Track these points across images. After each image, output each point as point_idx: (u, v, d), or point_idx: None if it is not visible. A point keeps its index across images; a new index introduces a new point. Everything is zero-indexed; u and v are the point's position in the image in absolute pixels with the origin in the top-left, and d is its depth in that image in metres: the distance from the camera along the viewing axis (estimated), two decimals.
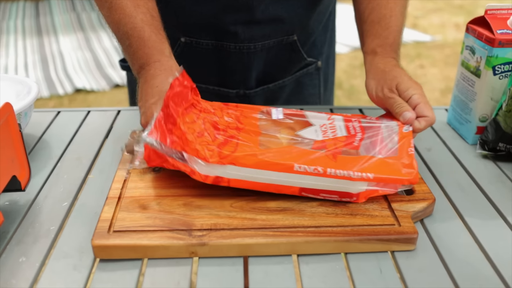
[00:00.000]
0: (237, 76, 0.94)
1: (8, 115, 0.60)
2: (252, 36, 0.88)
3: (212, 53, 0.91)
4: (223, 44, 0.89)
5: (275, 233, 0.57)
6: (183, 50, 0.91)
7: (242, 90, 0.96)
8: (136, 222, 0.58)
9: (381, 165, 0.62)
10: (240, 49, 0.89)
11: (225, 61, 0.92)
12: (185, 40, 0.89)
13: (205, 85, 0.96)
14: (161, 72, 0.65)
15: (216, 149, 0.61)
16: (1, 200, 0.67)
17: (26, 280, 0.53)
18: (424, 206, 0.62)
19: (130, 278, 0.54)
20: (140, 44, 0.66)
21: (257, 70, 0.94)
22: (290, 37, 0.92)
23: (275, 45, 0.92)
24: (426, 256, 0.57)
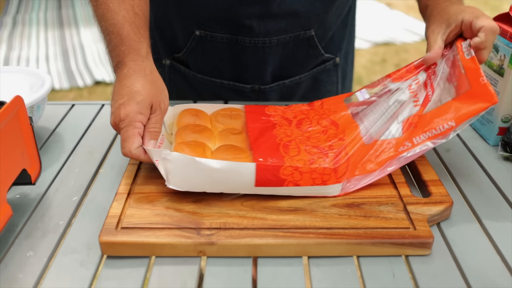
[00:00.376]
0: (252, 71, 0.92)
1: (19, 108, 0.60)
2: (268, 30, 0.86)
3: (226, 47, 0.89)
4: (238, 38, 0.87)
5: (285, 234, 0.55)
6: (197, 44, 0.90)
7: (257, 85, 0.95)
8: (144, 219, 0.57)
9: (457, 108, 0.64)
10: (255, 43, 0.87)
11: (240, 56, 0.90)
12: (199, 33, 0.88)
13: (219, 79, 0.95)
14: (134, 72, 0.63)
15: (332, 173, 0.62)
16: (12, 193, 0.66)
17: (33, 275, 0.53)
18: (441, 209, 0.60)
19: (136, 276, 0.53)
20: (118, 41, 0.65)
21: (272, 65, 0.92)
22: (307, 32, 0.90)
23: (292, 40, 0.90)
24: (442, 262, 0.55)
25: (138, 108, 0.61)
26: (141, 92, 0.62)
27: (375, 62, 3.45)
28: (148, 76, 0.64)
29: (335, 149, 0.64)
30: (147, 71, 0.64)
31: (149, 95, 0.62)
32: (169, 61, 0.97)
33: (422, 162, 0.69)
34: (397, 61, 3.42)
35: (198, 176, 0.58)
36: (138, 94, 0.62)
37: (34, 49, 3.55)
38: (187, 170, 0.58)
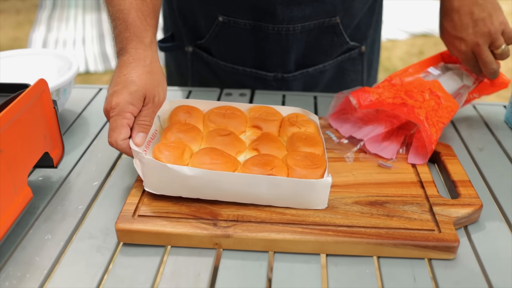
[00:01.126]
0: (274, 59, 0.90)
1: (42, 92, 0.60)
2: (292, 16, 0.84)
3: (249, 34, 0.87)
4: (261, 25, 0.85)
5: (303, 230, 0.54)
6: (220, 30, 0.88)
7: (280, 73, 0.92)
8: (162, 208, 0.57)
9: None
10: (278, 30, 0.85)
11: (263, 43, 0.88)
12: (222, 20, 0.87)
13: (242, 67, 0.93)
14: (133, 60, 0.62)
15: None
16: (35, 175, 0.67)
17: (49, 259, 0.53)
18: (469, 212, 0.57)
19: (150, 265, 0.52)
20: (123, 27, 0.63)
21: (296, 53, 0.90)
22: (332, 19, 0.87)
23: (316, 28, 0.87)
24: (466, 267, 0.53)
25: (130, 98, 0.59)
26: (136, 82, 0.60)
27: (412, 54, 3.36)
28: (147, 67, 0.62)
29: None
30: (147, 60, 0.63)
31: (143, 87, 0.61)
32: (192, 48, 0.96)
33: (452, 161, 0.66)
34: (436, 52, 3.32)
35: (173, 181, 0.56)
36: (133, 84, 0.60)
37: (71, 32, 3.61)
38: (161, 176, 0.56)
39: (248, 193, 0.57)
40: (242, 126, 0.69)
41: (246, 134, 0.69)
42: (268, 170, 0.58)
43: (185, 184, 0.56)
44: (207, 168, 0.58)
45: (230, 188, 0.56)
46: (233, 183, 0.56)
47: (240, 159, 0.63)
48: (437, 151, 0.69)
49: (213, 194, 0.57)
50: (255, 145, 0.64)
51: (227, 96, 0.90)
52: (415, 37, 3.61)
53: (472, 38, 0.76)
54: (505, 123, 0.82)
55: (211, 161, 0.59)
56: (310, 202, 0.57)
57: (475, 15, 0.75)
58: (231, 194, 0.57)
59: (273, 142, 0.65)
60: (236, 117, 0.70)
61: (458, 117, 0.84)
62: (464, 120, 0.83)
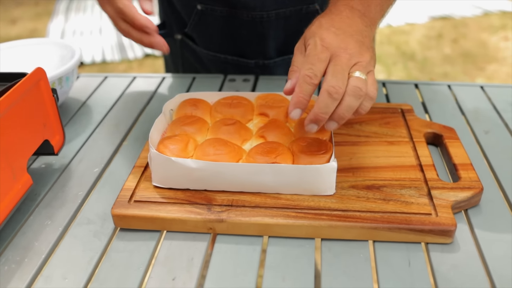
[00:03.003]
0: (253, 46, 0.90)
1: (40, 80, 0.61)
2: (263, 3, 0.82)
3: (226, 22, 0.87)
4: (236, 12, 0.85)
5: (297, 214, 0.53)
6: (200, 18, 0.88)
7: (261, 60, 0.92)
8: (157, 193, 0.57)
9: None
10: (253, 17, 0.84)
11: (240, 30, 0.87)
12: (201, 8, 0.86)
13: (224, 55, 0.92)
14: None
15: None
16: (38, 163, 0.68)
17: (47, 243, 0.54)
18: (468, 195, 0.56)
19: (145, 250, 0.53)
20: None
21: (275, 40, 0.88)
22: (310, 6, 0.84)
23: (293, 14, 0.85)
24: (464, 252, 0.52)
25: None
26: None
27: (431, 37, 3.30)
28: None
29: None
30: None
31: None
32: (180, 36, 0.96)
33: (454, 144, 0.65)
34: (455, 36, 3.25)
35: (179, 175, 0.56)
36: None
37: (89, 22, 3.65)
38: (167, 169, 0.56)
39: (254, 182, 0.56)
40: (249, 114, 0.69)
41: (253, 122, 0.69)
42: (272, 158, 0.58)
43: (190, 176, 0.56)
44: (211, 159, 0.58)
45: (236, 178, 0.56)
46: (237, 173, 0.56)
47: (246, 147, 0.63)
48: (440, 134, 0.67)
49: (219, 185, 0.57)
50: (262, 132, 0.64)
51: (230, 82, 0.90)
52: (433, 20, 3.54)
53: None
54: None
55: (214, 151, 0.59)
56: (318, 188, 0.56)
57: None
58: (237, 184, 0.57)
59: (280, 129, 0.64)
60: (243, 106, 0.69)
61: (464, 99, 0.82)
62: (470, 102, 0.81)
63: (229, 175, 0.56)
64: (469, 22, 3.48)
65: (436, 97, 0.83)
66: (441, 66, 2.88)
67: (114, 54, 3.11)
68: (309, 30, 0.57)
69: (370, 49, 0.55)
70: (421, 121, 0.70)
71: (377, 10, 0.60)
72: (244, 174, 0.56)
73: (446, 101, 0.82)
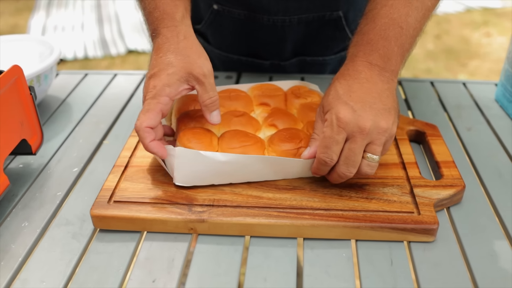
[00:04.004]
0: (270, 48, 0.88)
1: (17, 78, 0.59)
2: (287, 8, 0.80)
3: (244, 24, 0.85)
4: (255, 16, 0.83)
5: (279, 214, 0.53)
6: (215, 18, 0.86)
7: (276, 61, 0.90)
8: (137, 193, 0.56)
9: None
10: (273, 22, 0.82)
11: (258, 33, 0.85)
12: (217, 8, 0.84)
13: (237, 56, 0.91)
14: (167, 40, 0.59)
15: None
16: (15, 163, 0.67)
17: (24, 246, 0.53)
18: (450, 193, 0.56)
19: (125, 251, 0.52)
20: (152, 7, 0.61)
21: (293, 43, 0.87)
22: (334, 13, 0.83)
23: (316, 20, 0.83)
24: (446, 249, 0.52)
25: (167, 80, 0.56)
26: (173, 63, 0.57)
27: None
28: (181, 43, 0.59)
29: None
30: (180, 36, 0.59)
31: (182, 66, 0.57)
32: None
33: (436, 142, 0.65)
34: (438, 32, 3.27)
35: (205, 170, 0.55)
36: (170, 66, 0.57)
37: (70, 17, 3.59)
38: (193, 165, 0.55)
39: (282, 171, 0.58)
40: (249, 106, 0.68)
41: (255, 112, 0.68)
42: (297, 143, 0.58)
43: (218, 170, 0.56)
44: (239, 151, 0.58)
45: (264, 169, 0.57)
46: (267, 164, 0.56)
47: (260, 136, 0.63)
48: (422, 131, 0.67)
49: (245, 177, 0.58)
50: (271, 121, 0.64)
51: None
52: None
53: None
54: (495, 102, 0.80)
55: (240, 144, 0.59)
56: None
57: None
58: (263, 174, 0.58)
59: (287, 116, 0.65)
60: (242, 98, 0.69)
61: (447, 96, 0.82)
62: (452, 98, 0.81)
63: (257, 167, 0.56)
64: (452, 18, 3.51)
65: (419, 94, 0.83)
66: (424, 62, 2.90)
67: (96, 50, 3.07)
68: (327, 99, 0.55)
69: (391, 112, 0.54)
70: (404, 118, 0.70)
71: (397, 61, 0.56)
72: (274, 165, 0.56)
73: (428, 98, 0.82)
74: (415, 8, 0.56)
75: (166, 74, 0.56)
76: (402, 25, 0.56)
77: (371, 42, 0.55)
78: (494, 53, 2.98)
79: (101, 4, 3.84)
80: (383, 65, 0.55)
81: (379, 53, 0.55)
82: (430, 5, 0.58)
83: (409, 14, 0.56)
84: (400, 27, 0.55)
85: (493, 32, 3.33)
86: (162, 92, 0.56)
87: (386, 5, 0.56)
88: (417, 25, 0.57)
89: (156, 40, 0.60)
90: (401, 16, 0.56)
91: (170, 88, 0.56)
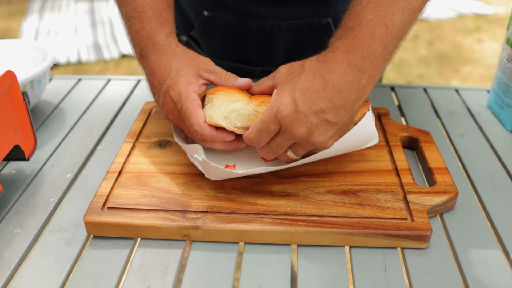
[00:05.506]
0: (261, 54, 0.88)
1: (10, 84, 0.59)
2: (276, 13, 0.81)
3: (234, 29, 0.85)
4: (245, 21, 0.83)
5: (273, 221, 0.53)
6: (206, 24, 0.87)
7: (267, 67, 0.91)
8: (131, 200, 0.56)
9: None
10: (263, 26, 0.83)
11: (248, 38, 0.86)
12: (207, 14, 0.85)
13: (228, 62, 0.91)
14: (162, 55, 0.59)
15: None
16: (8, 168, 0.66)
17: (17, 253, 0.53)
18: (443, 200, 0.56)
19: (119, 258, 0.52)
20: (139, 26, 0.61)
21: (284, 49, 0.87)
22: (323, 20, 0.83)
23: (305, 27, 0.84)
24: (439, 256, 0.52)
25: (185, 80, 0.57)
26: (180, 67, 0.58)
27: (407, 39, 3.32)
28: (177, 50, 0.59)
29: None
30: (173, 46, 0.60)
31: (190, 66, 0.58)
32: (186, 38, 0.95)
33: (429, 148, 0.65)
34: (430, 37, 3.29)
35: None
36: (179, 70, 0.57)
37: (63, 21, 3.58)
38: (216, 172, 0.55)
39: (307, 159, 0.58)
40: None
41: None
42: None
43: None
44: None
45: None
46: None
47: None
48: (416, 138, 0.68)
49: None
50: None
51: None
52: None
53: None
54: (488, 109, 0.81)
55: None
56: (365, 139, 0.58)
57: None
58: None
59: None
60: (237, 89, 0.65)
61: (440, 102, 0.83)
62: (445, 105, 0.82)
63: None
64: (444, 24, 3.53)
65: (412, 100, 0.83)
66: (417, 68, 2.92)
67: (89, 54, 3.06)
68: (288, 71, 0.55)
69: (335, 127, 0.53)
70: (397, 124, 0.70)
71: (379, 65, 0.54)
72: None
73: (422, 104, 0.82)
74: (401, 7, 0.54)
75: (180, 77, 0.57)
76: (387, 24, 0.53)
77: (356, 38, 0.53)
78: (486, 59, 3.00)
79: (94, 8, 3.84)
80: (362, 67, 0.52)
81: (362, 52, 0.52)
82: (416, 6, 0.55)
83: (395, 13, 0.53)
84: (386, 26, 0.53)
85: (485, 38, 3.36)
86: (189, 91, 0.57)
87: (371, 2, 0.54)
88: (402, 26, 0.55)
89: (149, 59, 0.60)
90: (387, 14, 0.53)
91: (193, 85, 0.57)
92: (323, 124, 0.52)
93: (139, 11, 0.62)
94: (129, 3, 0.62)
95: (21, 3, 4.02)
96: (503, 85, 0.76)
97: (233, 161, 0.62)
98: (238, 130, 0.57)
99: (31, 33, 3.39)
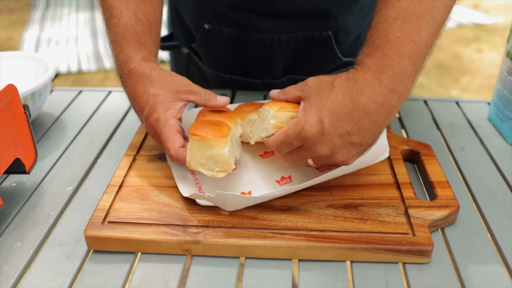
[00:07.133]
0: (261, 66, 0.89)
1: (11, 97, 0.59)
2: (276, 26, 0.81)
3: (235, 42, 0.86)
4: (245, 34, 0.83)
5: (275, 235, 0.53)
6: (206, 37, 0.87)
7: (268, 79, 0.91)
8: (132, 214, 0.56)
9: None
10: (263, 39, 0.83)
11: (248, 51, 0.86)
12: (208, 27, 0.85)
13: (229, 75, 0.91)
14: (138, 80, 0.61)
15: None
16: (9, 181, 0.66)
17: (17, 267, 0.52)
18: (445, 214, 0.56)
19: (120, 273, 0.51)
20: (118, 50, 0.63)
21: (284, 61, 0.87)
22: (323, 33, 0.83)
23: (305, 39, 0.84)
24: (441, 271, 0.52)
25: (163, 107, 0.59)
26: (157, 92, 0.59)
27: None
28: (152, 74, 0.61)
29: None
30: (146, 71, 0.61)
31: (167, 90, 0.60)
32: (187, 50, 0.95)
33: (430, 161, 0.65)
34: None
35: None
36: (156, 96, 0.59)
37: (64, 31, 3.60)
38: (234, 199, 0.54)
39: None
40: (233, 120, 0.65)
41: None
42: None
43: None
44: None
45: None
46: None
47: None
48: (416, 151, 0.68)
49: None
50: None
51: None
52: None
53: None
54: (488, 121, 0.81)
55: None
56: (378, 153, 0.57)
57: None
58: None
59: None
60: (225, 113, 0.65)
61: (440, 114, 0.83)
62: (446, 117, 0.82)
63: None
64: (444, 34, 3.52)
65: (412, 112, 0.84)
66: None
67: (90, 64, 3.07)
68: (317, 86, 0.54)
69: (358, 148, 0.53)
70: (398, 137, 0.70)
71: (409, 83, 0.53)
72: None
73: (422, 116, 0.83)
74: (427, 22, 0.53)
75: (158, 104, 0.59)
76: (415, 41, 0.52)
77: (386, 57, 0.51)
78: (485, 69, 3.01)
79: (95, 18, 3.85)
80: (393, 87, 0.51)
81: (392, 72, 0.51)
82: (440, 20, 0.55)
83: (421, 28, 0.53)
84: (414, 42, 0.52)
85: (484, 48, 3.37)
86: (167, 117, 0.58)
87: (397, 18, 0.53)
88: (429, 41, 0.54)
89: (127, 85, 0.62)
90: (414, 31, 0.52)
91: (171, 111, 0.59)
92: (346, 146, 0.52)
93: (120, 36, 0.63)
94: (111, 26, 0.64)
95: (23, 12, 4.04)
96: (503, 97, 0.77)
97: (247, 187, 0.60)
98: (263, 137, 0.59)
99: (32, 42, 3.40)
